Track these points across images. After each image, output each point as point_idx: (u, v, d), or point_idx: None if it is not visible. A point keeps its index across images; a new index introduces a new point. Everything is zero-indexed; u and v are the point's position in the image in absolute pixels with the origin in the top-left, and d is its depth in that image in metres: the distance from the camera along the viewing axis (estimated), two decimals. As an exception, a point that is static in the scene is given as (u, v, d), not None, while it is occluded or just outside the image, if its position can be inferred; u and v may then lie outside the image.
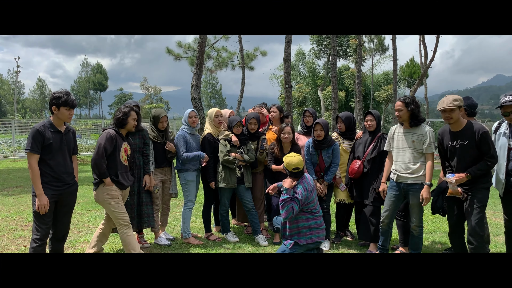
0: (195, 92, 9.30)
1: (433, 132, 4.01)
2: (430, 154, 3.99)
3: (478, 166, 3.57)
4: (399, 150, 4.12)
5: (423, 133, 3.99)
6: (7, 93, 61.77)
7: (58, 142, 3.46)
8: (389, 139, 4.29)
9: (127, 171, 4.08)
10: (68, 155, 3.58)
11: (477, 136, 3.55)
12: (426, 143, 3.97)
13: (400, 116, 4.06)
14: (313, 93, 29.21)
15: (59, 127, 3.50)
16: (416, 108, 3.99)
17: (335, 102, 13.61)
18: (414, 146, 4.02)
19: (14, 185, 9.10)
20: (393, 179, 4.20)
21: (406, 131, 4.09)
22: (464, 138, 3.63)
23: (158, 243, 4.81)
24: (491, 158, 3.55)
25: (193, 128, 4.96)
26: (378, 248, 4.44)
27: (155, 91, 55.18)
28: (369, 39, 28.80)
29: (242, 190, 4.93)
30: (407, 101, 4.00)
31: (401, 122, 4.15)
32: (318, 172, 4.81)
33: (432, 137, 4.00)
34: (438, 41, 17.32)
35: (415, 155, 4.02)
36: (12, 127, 18.31)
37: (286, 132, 4.75)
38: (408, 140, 4.06)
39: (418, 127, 4.04)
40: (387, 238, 4.35)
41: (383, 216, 4.30)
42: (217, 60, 21.18)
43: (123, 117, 4.01)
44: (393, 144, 4.22)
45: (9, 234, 5.23)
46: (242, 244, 4.92)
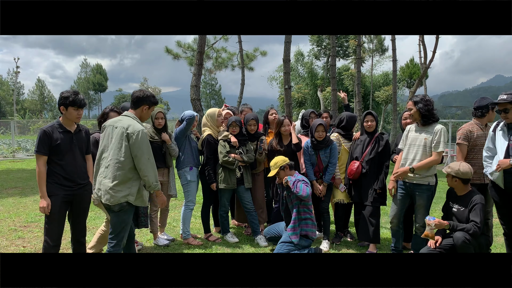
0: (194, 92, 9.30)
1: (445, 132, 4.00)
2: (436, 152, 3.97)
3: (466, 225, 3.67)
4: (411, 147, 4.12)
5: (435, 131, 3.98)
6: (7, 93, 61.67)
7: (67, 142, 3.43)
8: (403, 138, 4.29)
9: None
10: (80, 155, 3.54)
11: (470, 205, 3.72)
12: (435, 141, 3.97)
13: (412, 115, 4.10)
14: (313, 93, 29.21)
15: (68, 127, 3.48)
16: (425, 107, 3.98)
17: (335, 102, 13.61)
18: (425, 144, 4.02)
19: (13, 186, 9.08)
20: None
21: (419, 129, 4.12)
22: (462, 204, 3.80)
23: (157, 244, 4.80)
24: (477, 227, 3.63)
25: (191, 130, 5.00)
26: (391, 250, 4.43)
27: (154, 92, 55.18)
28: (369, 40, 28.81)
29: (242, 191, 4.93)
30: (415, 100, 4.04)
31: (416, 121, 4.15)
32: (317, 172, 4.82)
33: (444, 136, 3.97)
34: (437, 41, 17.32)
35: (425, 154, 4.02)
36: (11, 128, 18.28)
37: (286, 124, 4.91)
38: (420, 138, 4.06)
39: (430, 125, 4.05)
40: (399, 238, 4.35)
41: (391, 216, 4.30)
42: (216, 60, 21.17)
43: (101, 119, 4.06)
44: (406, 142, 4.21)
45: (8, 235, 5.22)
46: (242, 244, 4.91)
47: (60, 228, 3.45)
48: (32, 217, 6.10)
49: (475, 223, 3.63)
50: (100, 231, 4.24)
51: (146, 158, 3.20)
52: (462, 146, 4.11)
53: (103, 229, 4.23)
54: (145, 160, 3.19)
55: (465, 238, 3.56)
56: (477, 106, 4.19)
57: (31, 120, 28.17)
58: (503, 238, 4.11)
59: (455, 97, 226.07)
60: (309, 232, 4.33)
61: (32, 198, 7.60)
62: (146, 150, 3.20)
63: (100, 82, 67.54)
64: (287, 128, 4.92)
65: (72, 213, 3.56)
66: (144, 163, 3.19)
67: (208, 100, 59.37)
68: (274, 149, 4.92)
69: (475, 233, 3.60)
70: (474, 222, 3.64)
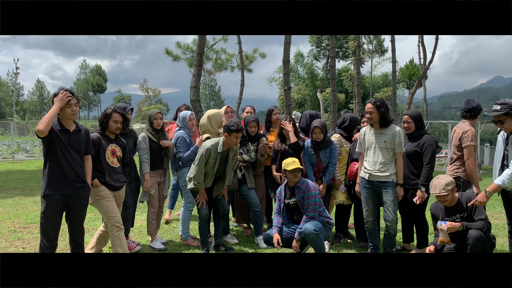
0: (194, 93, 9.29)
1: (402, 132, 4.22)
2: (399, 153, 4.18)
3: (476, 223, 3.66)
4: (372, 150, 4.27)
5: (394, 133, 4.17)
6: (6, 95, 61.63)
7: (64, 141, 3.38)
8: (360, 141, 4.43)
9: (116, 173, 3.99)
10: (77, 155, 3.48)
11: (471, 207, 3.71)
12: (395, 142, 4.14)
13: (371, 118, 4.21)
14: (312, 94, 29.25)
15: (66, 126, 3.43)
16: (386, 111, 4.18)
17: (334, 103, 13.63)
18: (386, 146, 4.18)
19: (13, 187, 9.07)
20: (364, 178, 4.31)
21: (378, 132, 4.25)
22: (461, 211, 3.79)
23: (153, 247, 4.75)
24: (488, 223, 3.63)
25: (190, 131, 4.97)
26: (370, 248, 4.47)
27: (154, 93, 55.13)
28: (368, 41, 28.87)
29: (245, 190, 4.91)
30: (378, 104, 4.18)
31: (371, 124, 4.29)
32: (317, 173, 4.81)
33: (402, 137, 4.20)
34: (437, 42, 17.37)
35: (387, 155, 4.19)
36: (11, 129, 18.25)
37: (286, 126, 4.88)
38: (380, 140, 4.21)
39: (388, 128, 4.22)
40: (376, 236, 4.43)
41: (366, 216, 4.39)
42: (216, 62, 21.18)
43: (103, 119, 3.99)
44: (365, 145, 4.36)
45: (7, 236, 5.21)
46: (241, 245, 4.90)
47: (55, 229, 3.41)
48: (31, 218, 6.09)
49: (483, 219, 3.61)
50: (99, 232, 4.24)
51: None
52: (472, 147, 4.13)
53: (102, 229, 4.22)
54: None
55: (480, 236, 3.53)
56: (470, 108, 4.26)
57: (31, 121, 28.16)
58: (502, 239, 4.12)
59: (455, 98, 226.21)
60: (330, 220, 4.25)
61: (31, 199, 7.59)
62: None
63: (99, 83, 67.44)
64: (288, 129, 4.89)
65: (69, 214, 3.53)
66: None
67: (208, 101, 59.36)
68: (276, 149, 4.91)
69: (488, 229, 3.60)
70: (482, 219, 3.61)
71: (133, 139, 4.62)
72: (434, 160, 4.31)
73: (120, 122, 4.01)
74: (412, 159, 4.33)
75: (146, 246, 4.80)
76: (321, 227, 4.07)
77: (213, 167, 4.34)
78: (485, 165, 17.09)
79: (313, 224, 4.03)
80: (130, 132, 4.62)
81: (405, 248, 4.74)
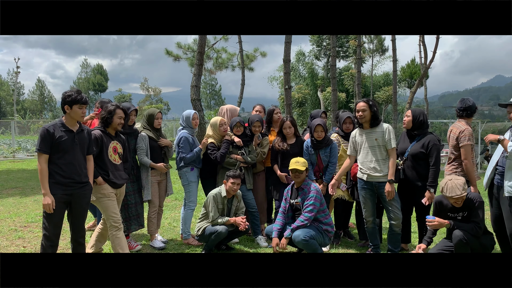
0: (194, 93, 9.31)
1: (392, 128, 4.22)
2: (391, 149, 4.17)
3: (467, 224, 3.68)
4: (365, 150, 4.27)
5: (383, 130, 4.19)
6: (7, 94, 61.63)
7: (69, 141, 3.42)
8: (351, 144, 4.44)
9: (118, 170, 4.02)
10: (81, 154, 3.53)
11: (474, 205, 3.72)
12: (386, 139, 4.15)
13: (363, 116, 4.21)
14: (313, 94, 29.21)
15: (71, 126, 3.47)
16: (377, 110, 4.24)
17: (335, 103, 13.60)
18: (378, 144, 4.19)
19: (14, 186, 9.09)
20: (362, 179, 4.31)
21: (368, 132, 4.26)
22: (464, 210, 3.79)
23: (153, 246, 4.76)
24: (478, 227, 3.64)
25: (193, 130, 4.97)
26: (371, 248, 4.49)
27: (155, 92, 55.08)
28: (369, 40, 28.79)
29: (243, 191, 4.92)
30: (370, 103, 4.20)
31: (360, 124, 4.31)
32: (317, 172, 4.82)
33: (392, 133, 4.20)
34: (438, 42, 17.33)
35: (381, 153, 4.20)
36: (11, 128, 18.30)
37: (287, 127, 4.89)
38: (371, 139, 4.22)
39: (378, 126, 4.24)
40: (376, 235, 4.44)
41: (365, 217, 4.39)
42: (216, 61, 21.18)
43: (107, 115, 3.97)
44: (357, 147, 4.37)
45: (8, 235, 5.22)
46: (242, 245, 4.91)
47: (56, 228, 3.44)
48: (32, 217, 6.11)
49: (475, 223, 3.62)
50: (97, 230, 4.24)
51: None
52: (469, 146, 4.14)
53: (100, 227, 4.23)
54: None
55: (462, 237, 3.56)
56: (466, 107, 4.30)
57: (31, 120, 28.21)
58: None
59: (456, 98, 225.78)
60: (329, 228, 4.29)
61: (32, 198, 7.60)
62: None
63: (100, 83, 67.41)
64: (288, 131, 4.87)
65: (71, 214, 3.55)
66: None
67: (208, 101, 59.34)
68: (277, 149, 4.90)
69: (477, 233, 3.60)
70: (474, 222, 3.63)
71: (136, 139, 4.64)
72: (439, 160, 4.32)
73: (123, 118, 4.06)
74: (419, 160, 4.30)
75: (147, 245, 4.81)
76: (313, 235, 4.12)
77: (222, 212, 4.57)
78: (485, 165, 17.05)
79: (304, 232, 4.10)
80: (133, 132, 4.63)
81: (403, 248, 4.74)
